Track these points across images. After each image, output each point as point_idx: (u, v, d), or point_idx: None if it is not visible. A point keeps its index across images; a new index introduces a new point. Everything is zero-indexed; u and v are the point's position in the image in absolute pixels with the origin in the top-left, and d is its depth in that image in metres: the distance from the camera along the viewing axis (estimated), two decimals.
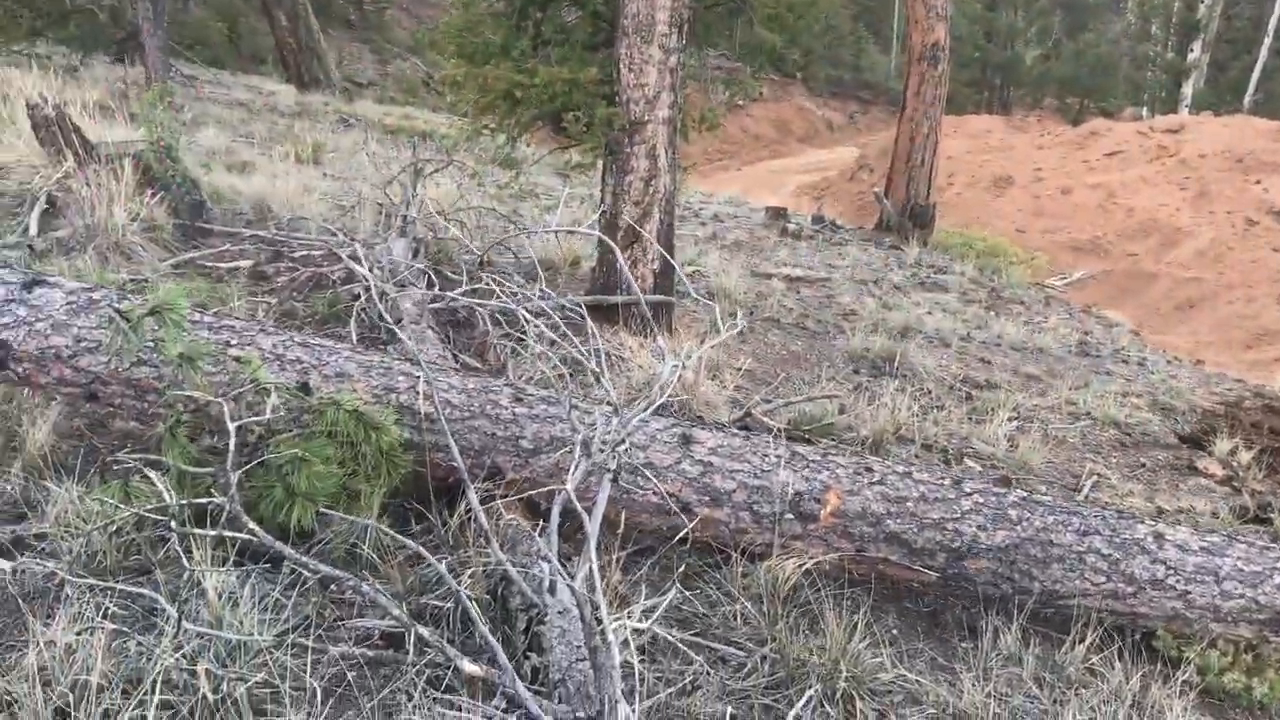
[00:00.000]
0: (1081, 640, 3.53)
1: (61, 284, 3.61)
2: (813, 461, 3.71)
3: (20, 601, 2.88)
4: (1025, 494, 3.78)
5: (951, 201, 20.80)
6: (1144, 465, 5.84)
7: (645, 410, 3.10)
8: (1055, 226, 20.23)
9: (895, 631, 3.61)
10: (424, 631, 2.69)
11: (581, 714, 2.50)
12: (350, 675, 2.77)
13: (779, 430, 4.32)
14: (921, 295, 10.16)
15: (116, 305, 3.36)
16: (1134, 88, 40.96)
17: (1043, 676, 3.45)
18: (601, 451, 3.16)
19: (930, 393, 6.47)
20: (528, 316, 3.88)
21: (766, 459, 3.68)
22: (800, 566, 3.54)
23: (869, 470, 3.71)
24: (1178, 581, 3.57)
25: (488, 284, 5.68)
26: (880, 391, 5.97)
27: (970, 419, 5.97)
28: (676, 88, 5.92)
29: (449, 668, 2.73)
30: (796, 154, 35.44)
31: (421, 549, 2.57)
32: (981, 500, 3.65)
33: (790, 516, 3.59)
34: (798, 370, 6.52)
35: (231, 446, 2.96)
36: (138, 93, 10.94)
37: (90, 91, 9.26)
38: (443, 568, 2.81)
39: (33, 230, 5.60)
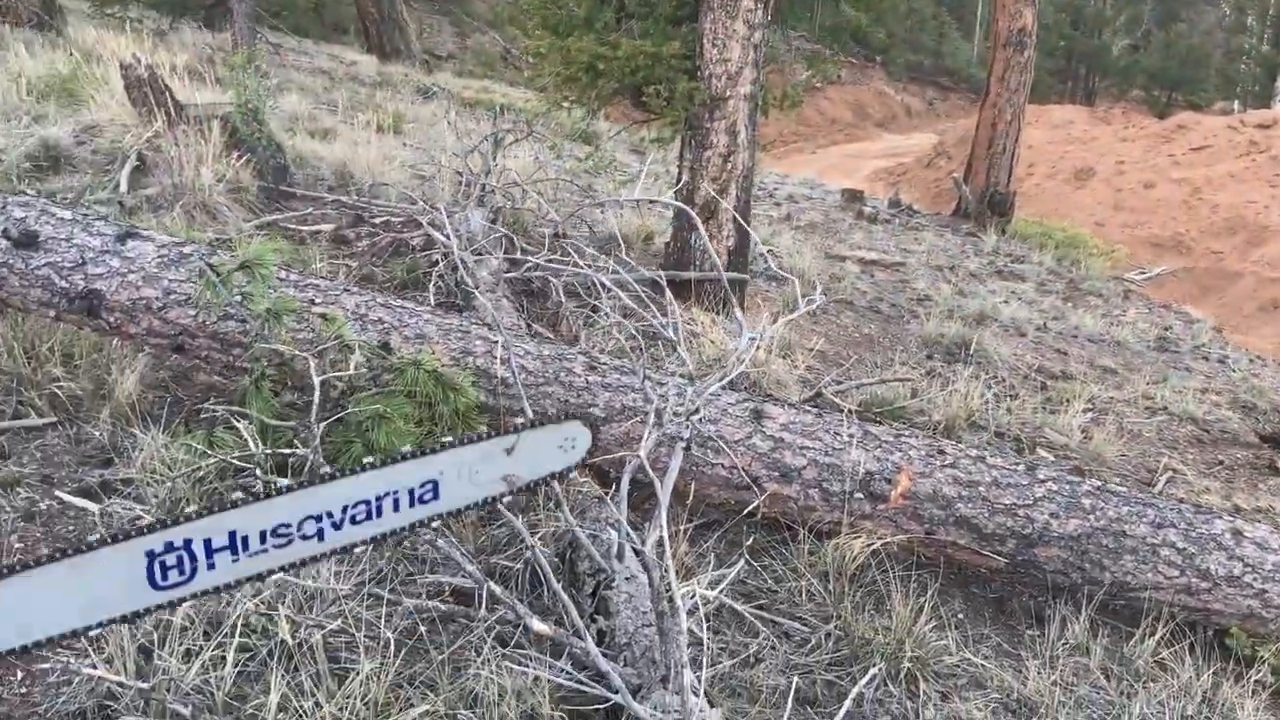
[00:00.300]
0: (1151, 634, 3.49)
1: (154, 237, 3.71)
2: (885, 442, 3.70)
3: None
4: (1100, 484, 3.73)
5: (1030, 192, 20.45)
6: (1222, 463, 5.72)
7: (721, 380, 3.11)
8: (1136, 221, 19.81)
9: (961, 616, 3.59)
10: (496, 589, 2.74)
11: (647, 676, 2.53)
12: (422, 628, 2.83)
13: (850, 411, 4.31)
14: (998, 283, 10.03)
15: (207, 260, 3.44)
16: (1226, 81, 39.88)
17: (1110, 668, 3.41)
18: (674, 421, 3.18)
19: (1004, 381, 6.40)
20: (605, 285, 3.89)
21: (838, 437, 3.68)
22: (868, 546, 3.53)
23: (942, 453, 3.69)
24: (1255, 579, 3.52)
25: (563, 255, 5.72)
26: (953, 378, 5.91)
27: (1044, 409, 5.90)
28: (759, 64, 5.89)
29: (518, 626, 2.77)
30: (873, 139, 35.06)
31: (500, 505, 2.61)
32: (1055, 488, 3.61)
33: (860, 496, 3.58)
34: (870, 353, 6.48)
35: (316, 400, 3.03)
36: (224, 58, 11.13)
37: (179, 55, 9.43)
38: (520, 524, 2.85)
39: (123, 187, 5.74)
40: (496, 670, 2.59)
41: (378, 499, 2.13)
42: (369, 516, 2.13)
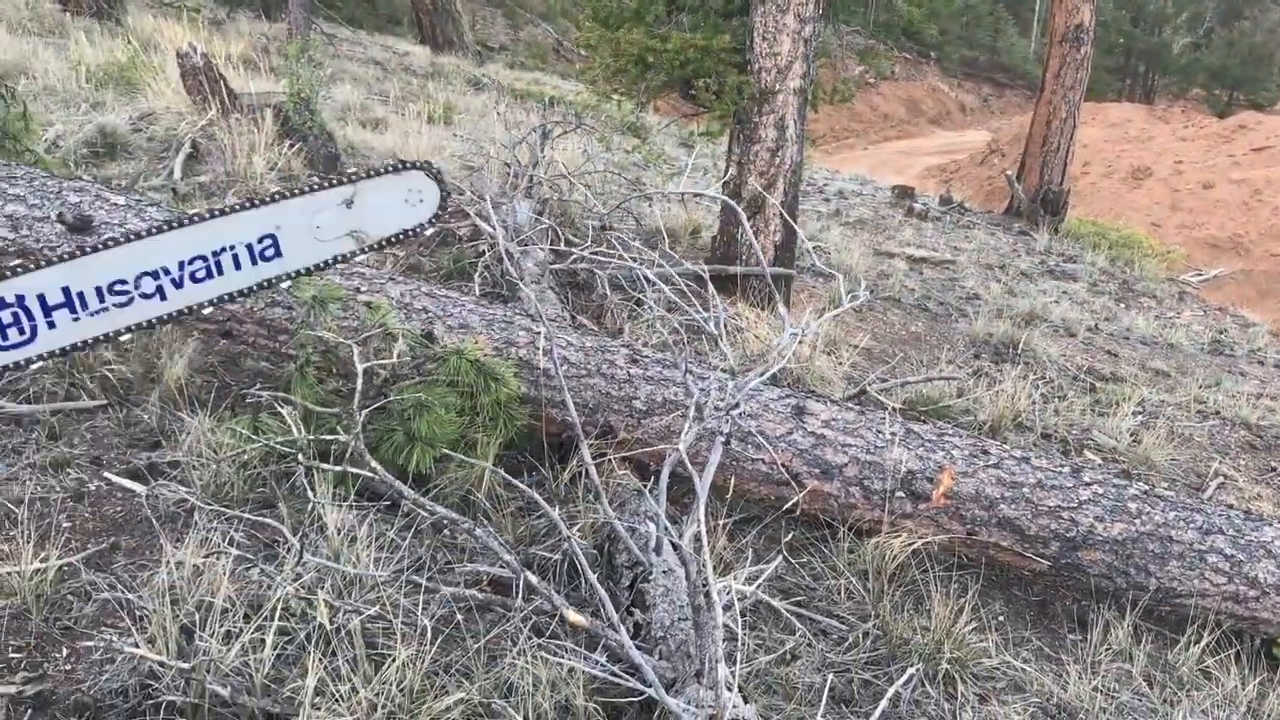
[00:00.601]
0: (1196, 641, 3.43)
1: None
2: (928, 441, 3.67)
3: (154, 523, 3.02)
4: (1147, 488, 3.67)
5: (1085, 190, 20.16)
6: (1275, 469, 5.61)
7: (762, 375, 3.10)
8: (1193, 222, 19.45)
9: (1001, 618, 3.56)
10: (532, 579, 2.74)
11: (681, 671, 2.52)
12: (459, 616, 2.85)
13: (894, 409, 4.28)
14: (1049, 283, 9.90)
15: None
16: None
17: (1153, 675, 3.36)
18: (714, 416, 3.17)
19: (1052, 382, 6.32)
20: (650, 278, 3.89)
21: (880, 435, 3.65)
22: (908, 545, 3.51)
23: (985, 453, 3.65)
24: None
25: (609, 247, 5.72)
26: (1001, 377, 5.85)
27: (1093, 411, 5.82)
28: (809, 58, 5.85)
29: (554, 616, 2.78)
30: (926, 135, 34.74)
31: (537, 496, 2.62)
32: (1100, 491, 3.56)
33: (901, 494, 3.55)
34: (916, 351, 6.42)
35: (358, 388, 3.05)
36: (279, 47, 11.25)
37: (235, 44, 9.56)
38: (557, 516, 2.86)
39: (177, 174, 5.82)
40: (532, 660, 2.60)
41: (215, 254, 2.07)
42: (209, 275, 2.08)
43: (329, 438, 3.06)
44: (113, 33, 9.81)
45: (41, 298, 1.89)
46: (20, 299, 1.90)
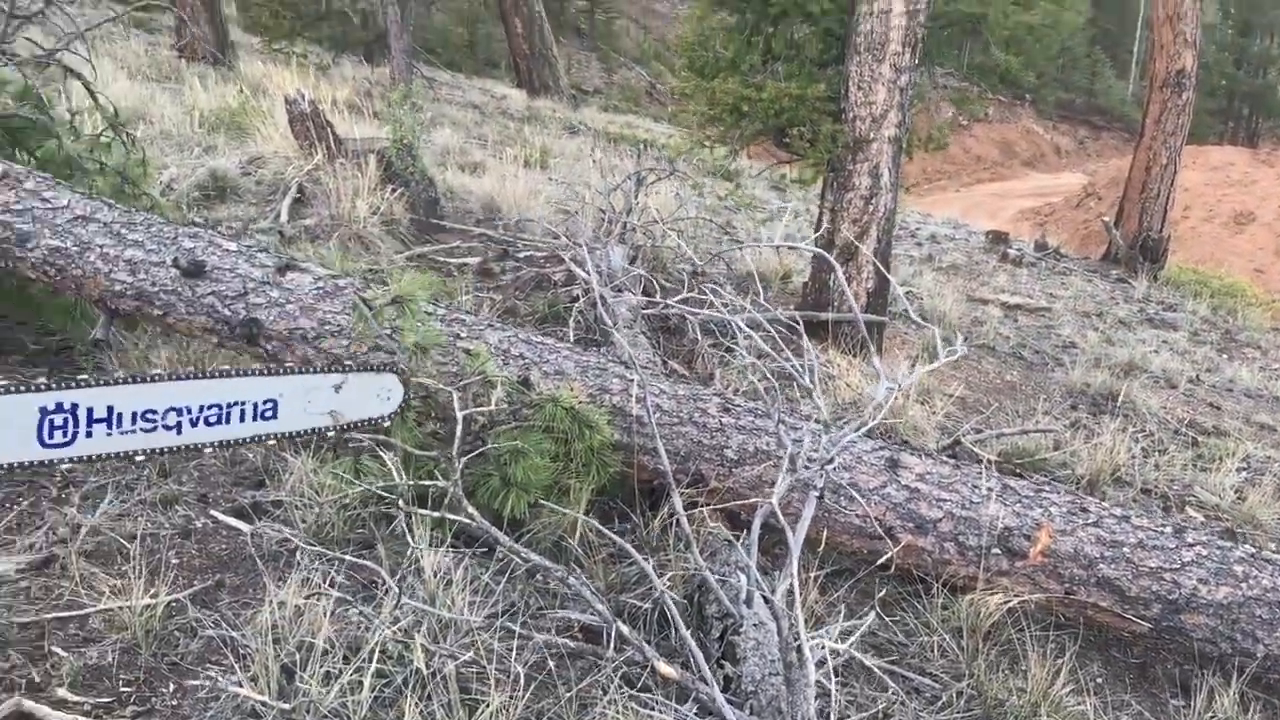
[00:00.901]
0: None
1: (311, 269, 3.87)
2: (1025, 497, 3.61)
3: (258, 561, 3.11)
4: (1254, 550, 3.57)
5: (1185, 236, 19.71)
6: None
7: (858, 431, 3.09)
8: None
9: (1100, 680, 3.48)
10: (624, 629, 2.76)
11: None
12: (551, 663, 2.87)
13: (989, 461, 4.22)
14: (1148, 332, 9.69)
15: (360, 293, 3.57)
16: None
17: None
18: (808, 468, 3.17)
19: (1152, 435, 6.17)
20: (740, 327, 3.91)
21: (976, 490, 3.61)
22: (1004, 603, 3.45)
23: (1084, 511, 3.58)
24: None
25: (700, 293, 5.76)
26: (1099, 430, 5.73)
27: (1195, 466, 5.67)
28: (905, 107, 5.86)
29: (645, 667, 2.79)
30: (1020, 178, 34.31)
31: (629, 546, 2.64)
32: (1204, 552, 3.47)
33: (997, 551, 3.50)
34: (1011, 401, 6.33)
35: (458, 434, 3.12)
36: (382, 92, 11.57)
37: (340, 89, 9.86)
38: (649, 567, 2.88)
39: (284, 217, 6.02)
40: (623, 710, 2.61)
41: (228, 405, 2.37)
42: (219, 421, 2.39)
43: (428, 483, 3.12)
44: (225, 78, 10.20)
45: (90, 410, 2.15)
46: (75, 407, 2.13)
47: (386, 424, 3.14)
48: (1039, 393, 6.64)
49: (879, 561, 3.55)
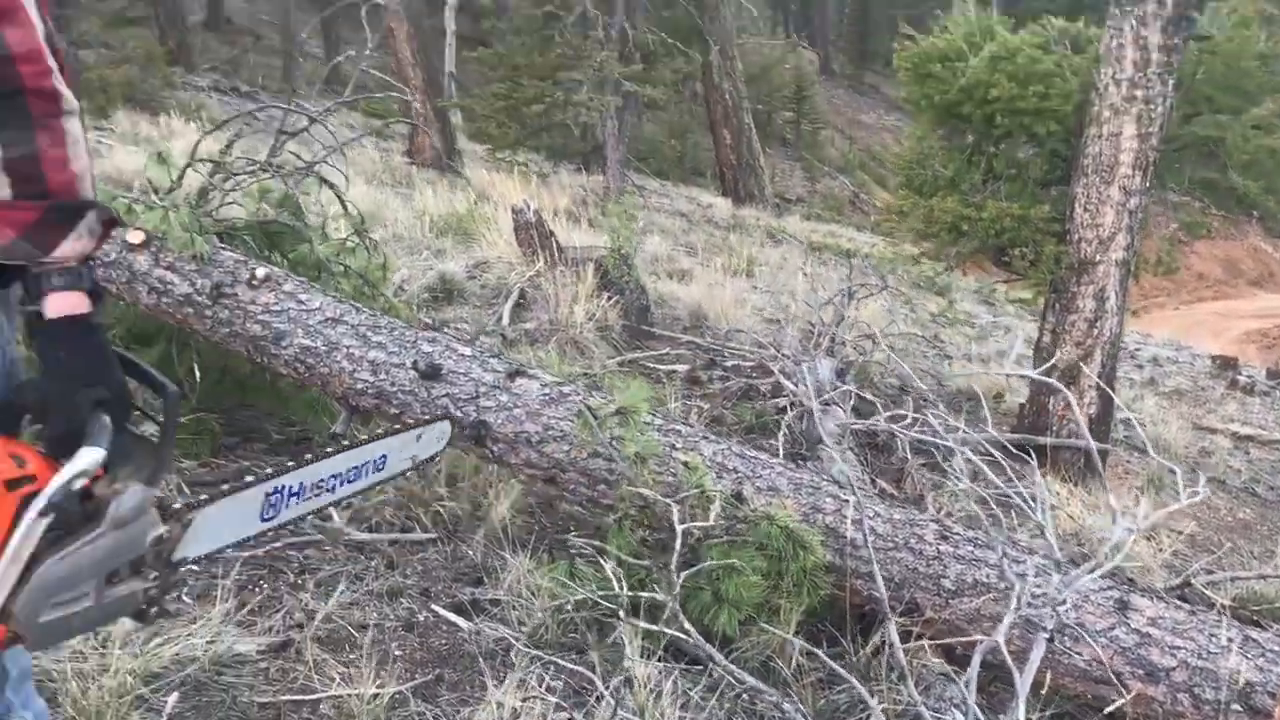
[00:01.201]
0: None
1: (539, 376, 4.02)
2: (1270, 651, 3.37)
3: (479, 659, 3.19)
4: None
5: None
6: None
7: (1093, 573, 2.97)
8: None
9: None
10: None
11: None
12: None
13: (1223, 606, 3.96)
14: None
15: (586, 402, 3.69)
16: None
17: None
18: (1032, 605, 3.05)
19: None
20: (956, 448, 3.84)
21: (1214, 639, 3.39)
22: None
23: None
24: None
25: (910, 410, 5.67)
26: None
27: None
28: (1134, 230, 5.69)
29: None
30: (1245, 297, 32.49)
31: (849, 675, 2.59)
32: None
33: (1238, 708, 3.26)
34: (1245, 541, 5.94)
35: (677, 548, 3.15)
36: (596, 200, 12.00)
37: (560, 198, 10.29)
38: (867, 694, 2.82)
39: (505, 320, 6.28)
40: None
41: (361, 465, 2.75)
42: (355, 478, 2.73)
43: (645, 594, 3.15)
44: (452, 184, 10.79)
45: (288, 487, 2.43)
46: (288, 488, 2.44)
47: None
48: (1276, 533, 6.22)
49: (1108, 710, 3.36)
